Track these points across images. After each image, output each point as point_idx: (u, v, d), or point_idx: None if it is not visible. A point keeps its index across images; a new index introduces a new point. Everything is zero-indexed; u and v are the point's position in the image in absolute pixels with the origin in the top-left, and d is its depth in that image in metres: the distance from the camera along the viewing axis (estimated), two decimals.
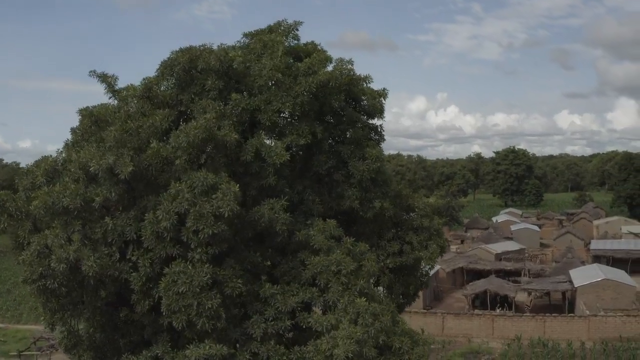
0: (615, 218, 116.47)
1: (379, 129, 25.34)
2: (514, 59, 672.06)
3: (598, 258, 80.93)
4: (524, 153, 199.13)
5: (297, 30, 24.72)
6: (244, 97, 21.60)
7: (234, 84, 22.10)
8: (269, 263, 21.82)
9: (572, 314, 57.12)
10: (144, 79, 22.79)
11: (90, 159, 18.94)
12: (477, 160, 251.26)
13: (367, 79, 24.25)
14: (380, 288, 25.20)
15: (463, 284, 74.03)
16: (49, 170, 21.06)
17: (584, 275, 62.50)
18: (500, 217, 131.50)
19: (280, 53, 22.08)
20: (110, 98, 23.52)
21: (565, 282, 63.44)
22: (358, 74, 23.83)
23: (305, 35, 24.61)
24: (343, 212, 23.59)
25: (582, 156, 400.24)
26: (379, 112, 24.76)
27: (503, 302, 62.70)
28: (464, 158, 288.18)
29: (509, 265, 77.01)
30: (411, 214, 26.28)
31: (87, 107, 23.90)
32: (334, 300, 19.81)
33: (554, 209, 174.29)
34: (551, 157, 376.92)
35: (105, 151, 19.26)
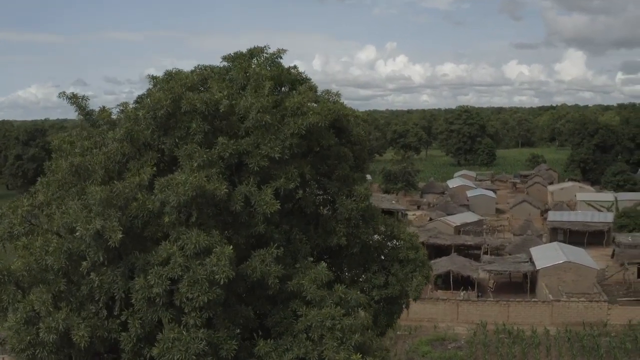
0: (569, 184, 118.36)
1: (363, 155, 25.11)
2: (464, 9, 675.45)
3: (555, 230, 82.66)
4: (477, 112, 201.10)
5: (281, 58, 23.99)
6: (231, 141, 20.84)
7: (219, 125, 21.30)
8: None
9: (535, 299, 58.02)
10: (120, 106, 22.03)
11: (75, 221, 18.12)
12: (429, 117, 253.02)
13: (354, 112, 23.85)
14: (363, 314, 24.89)
15: None
16: (26, 217, 20.29)
17: (545, 256, 63.36)
18: (455, 181, 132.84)
19: (266, 91, 21.29)
20: (82, 121, 22.90)
21: (527, 262, 64.38)
22: (347, 106, 23.47)
23: None
24: (330, 247, 23.29)
25: (531, 108, 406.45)
26: (364, 139, 24.52)
27: (466, 282, 63.41)
28: (414, 110, 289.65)
29: (469, 240, 77.91)
30: (396, 243, 25.95)
31: (60, 135, 23.15)
32: (330, 357, 19.49)
33: (507, 169, 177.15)
34: (500, 109, 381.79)
35: (90, 207, 18.46)
